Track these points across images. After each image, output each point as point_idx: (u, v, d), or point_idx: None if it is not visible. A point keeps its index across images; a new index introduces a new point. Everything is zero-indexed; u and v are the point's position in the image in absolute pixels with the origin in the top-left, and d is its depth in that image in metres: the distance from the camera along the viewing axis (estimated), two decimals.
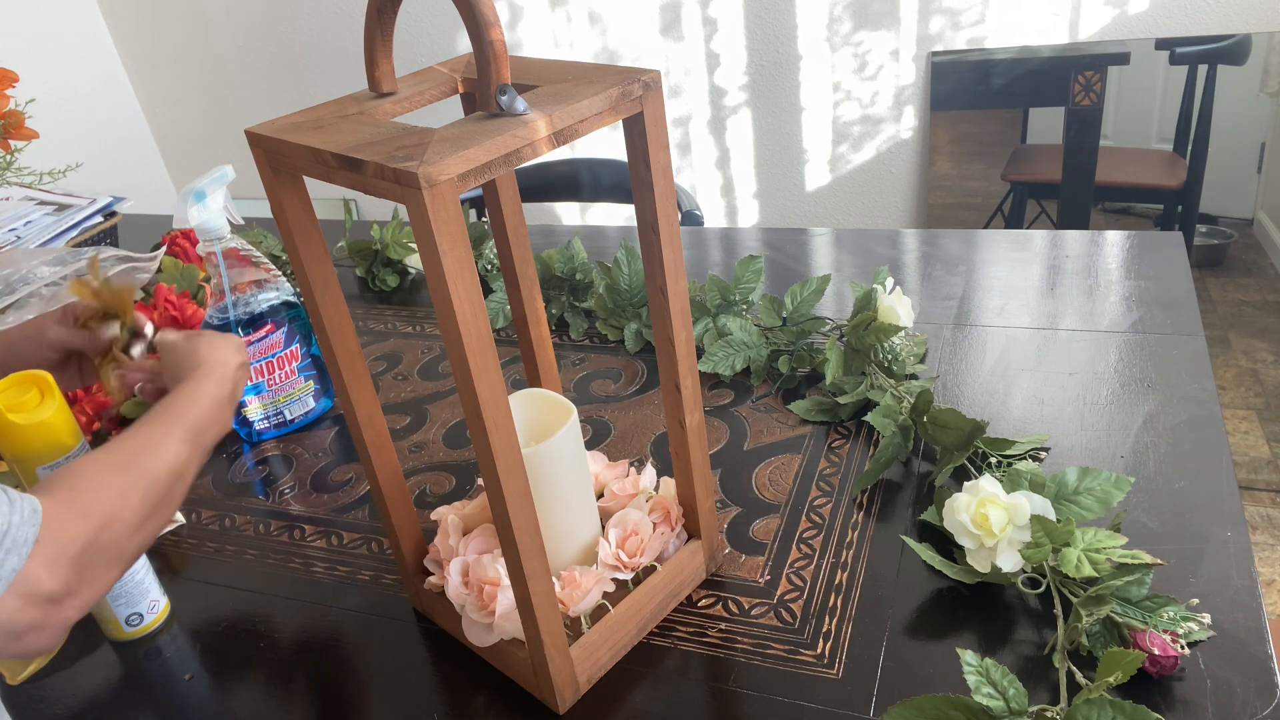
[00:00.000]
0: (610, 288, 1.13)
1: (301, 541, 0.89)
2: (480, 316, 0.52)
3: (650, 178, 0.60)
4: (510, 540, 0.59)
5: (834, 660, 0.68)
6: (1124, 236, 1.18)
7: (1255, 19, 1.91)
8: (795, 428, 0.93)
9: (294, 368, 1.04)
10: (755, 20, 2.20)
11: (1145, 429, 0.85)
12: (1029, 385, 0.93)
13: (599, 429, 0.98)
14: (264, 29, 2.61)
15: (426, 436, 1.01)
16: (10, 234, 1.45)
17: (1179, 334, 0.97)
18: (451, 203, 0.49)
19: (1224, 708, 0.60)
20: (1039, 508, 0.70)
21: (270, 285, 1.01)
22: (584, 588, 0.68)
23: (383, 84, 0.61)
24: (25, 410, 0.67)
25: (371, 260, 1.34)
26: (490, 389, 0.54)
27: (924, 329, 1.04)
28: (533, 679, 0.67)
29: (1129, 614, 0.64)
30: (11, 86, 1.27)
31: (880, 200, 2.33)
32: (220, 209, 0.96)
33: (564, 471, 0.69)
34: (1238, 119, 2.09)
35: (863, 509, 0.81)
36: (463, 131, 0.52)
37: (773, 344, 1.02)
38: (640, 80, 0.57)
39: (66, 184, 1.55)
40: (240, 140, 2.58)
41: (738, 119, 2.33)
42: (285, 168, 0.59)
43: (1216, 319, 2.31)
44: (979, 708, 0.58)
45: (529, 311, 0.77)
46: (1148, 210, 2.28)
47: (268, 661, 0.76)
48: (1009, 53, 2.08)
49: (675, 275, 0.64)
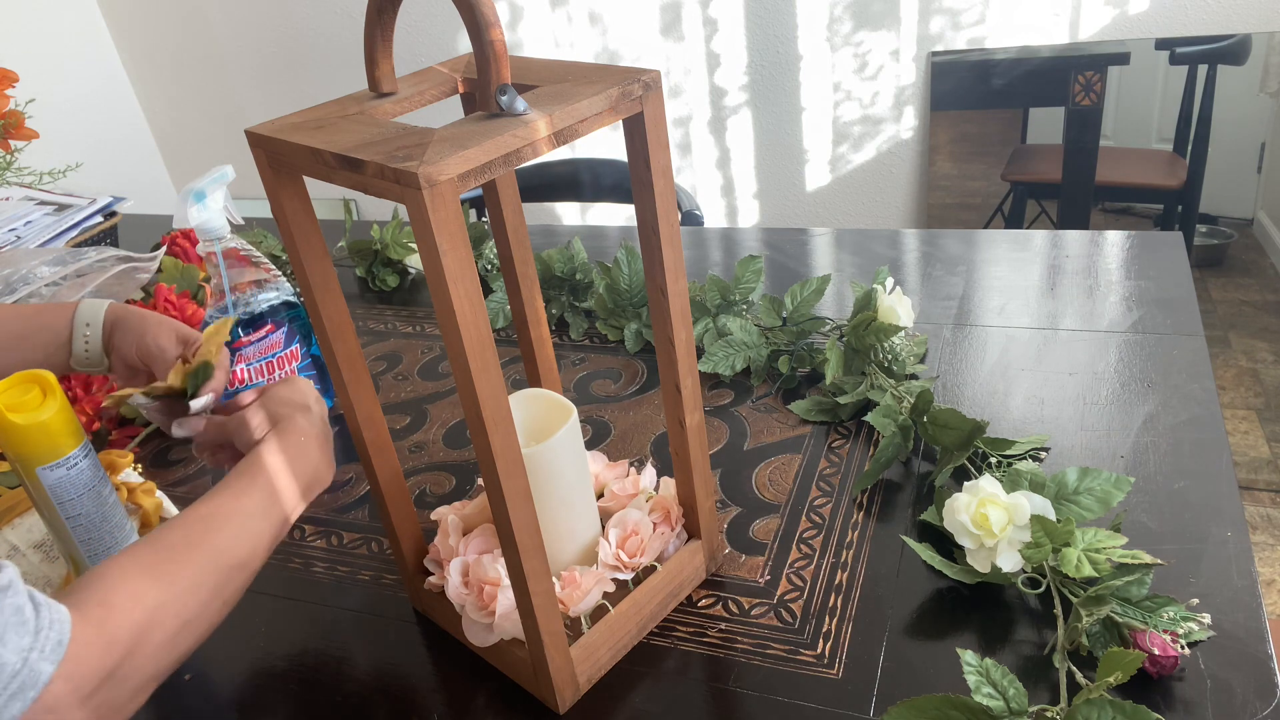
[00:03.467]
0: (610, 288, 1.13)
1: (301, 541, 0.89)
2: (480, 316, 0.52)
3: (650, 178, 0.60)
4: (510, 540, 0.59)
5: (834, 660, 0.68)
6: (1124, 236, 1.18)
7: (1255, 19, 1.91)
8: (795, 428, 0.93)
9: (294, 368, 1.03)
10: (755, 20, 2.20)
11: (1145, 429, 0.85)
12: (1029, 385, 0.93)
13: (599, 429, 0.98)
14: (264, 29, 2.61)
15: (426, 436, 1.01)
16: (10, 234, 1.45)
17: (1179, 334, 0.97)
18: (451, 203, 0.49)
19: (1224, 708, 0.60)
20: (1039, 508, 0.70)
21: (270, 285, 1.01)
22: (584, 588, 0.68)
23: (383, 84, 0.61)
24: (26, 410, 0.67)
25: (371, 260, 1.34)
26: (490, 389, 0.54)
27: (924, 329, 1.04)
28: (533, 679, 0.67)
29: (1129, 614, 0.64)
30: (11, 86, 1.27)
31: (880, 200, 2.33)
32: (220, 209, 0.96)
33: (564, 471, 0.69)
34: (1238, 119, 2.09)
35: (863, 509, 0.81)
36: (463, 131, 0.52)
37: (773, 344, 1.02)
38: (640, 80, 0.57)
39: (66, 184, 1.55)
40: (240, 140, 2.57)
41: (738, 119, 2.33)
42: (285, 168, 0.59)
43: (1216, 319, 2.31)
44: (979, 708, 0.58)
45: (529, 311, 0.77)
46: (1148, 210, 2.28)
47: (267, 662, 0.76)
48: (1009, 53, 2.08)
49: (675, 275, 0.64)
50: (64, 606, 0.49)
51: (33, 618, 0.47)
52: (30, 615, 0.47)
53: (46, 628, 0.47)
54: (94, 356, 0.78)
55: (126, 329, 0.76)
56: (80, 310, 0.78)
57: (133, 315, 0.77)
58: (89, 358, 0.78)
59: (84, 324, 0.77)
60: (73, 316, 0.78)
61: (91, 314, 0.78)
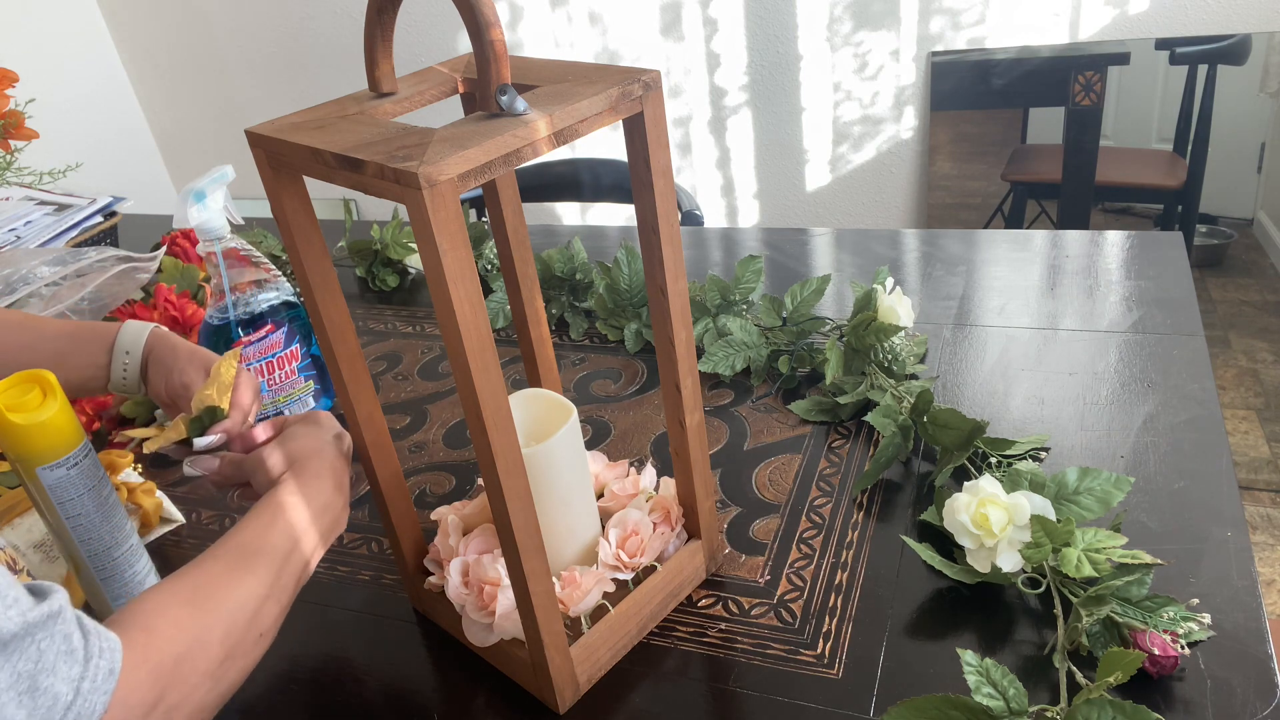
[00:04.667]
0: (610, 288, 1.13)
1: None
2: (480, 316, 0.52)
3: (650, 178, 0.60)
4: (510, 540, 0.59)
5: (834, 660, 0.68)
6: (1124, 236, 1.18)
7: (1255, 19, 1.91)
8: (795, 428, 0.93)
9: (294, 368, 1.04)
10: (755, 20, 2.20)
11: (1145, 429, 0.85)
12: (1029, 385, 0.93)
13: (599, 429, 0.98)
14: (264, 29, 2.61)
15: (426, 436, 1.01)
16: (10, 234, 1.45)
17: (1179, 334, 0.97)
18: (452, 203, 0.49)
19: (1224, 708, 0.60)
20: (1039, 508, 0.70)
21: (270, 285, 1.01)
22: (584, 588, 0.68)
23: (383, 84, 0.61)
24: (26, 410, 0.67)
25: (371, 260, 1.34)
26: (490, 389, 0.54)
27: (924, 329, 1.04)
28: (533, 679, 0.67)
29: (1129, 614, 0.64)
30: (11, 86, 1.27)
31: (880, 200, 2.33)
32: (220, 209, 0.96)
33: (564, 471, 0.69)
34: (1238, 119, 2.09)
35: (863, 509, 0.81)
36: (463, 131, 0.52)
37: (773, 344, 1.02)
38: (640, 80, 0.57)
39: (66, 184, 1.55)
40: (240, 140, 2.58)
41: (738, 119, 2.33)
42: (286, 168, 0.59)
43: (1216, 319, 2.31)
44: (979, 708, 0.58)
45: (529, 311, 0.77)
46: (1148, 210, 2.28)
47: (268, 662, 0.76)
48: (1009, 53, 2.08)
49: (675, 275, 0.64)
50: (114, 634, 0.48)
51: (81, 646, 0.46)
52: (79, 644, 0.46)
53: (96, 655, 0.46)
54: (131, 384, 0.78)
55: (159, 363, 0.77)
56: (121, 337, 0.77)
57: (165, 348, 0.77)
58: (126, 384, 0.78)
59: (124, 351, 0.77)
60: (113, 343, 0.78)
61: (132, 342, 0.77)
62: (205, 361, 0.76)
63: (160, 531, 0.92)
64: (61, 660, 0.45)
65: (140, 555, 0.77)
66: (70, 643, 0.45)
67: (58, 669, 0.44)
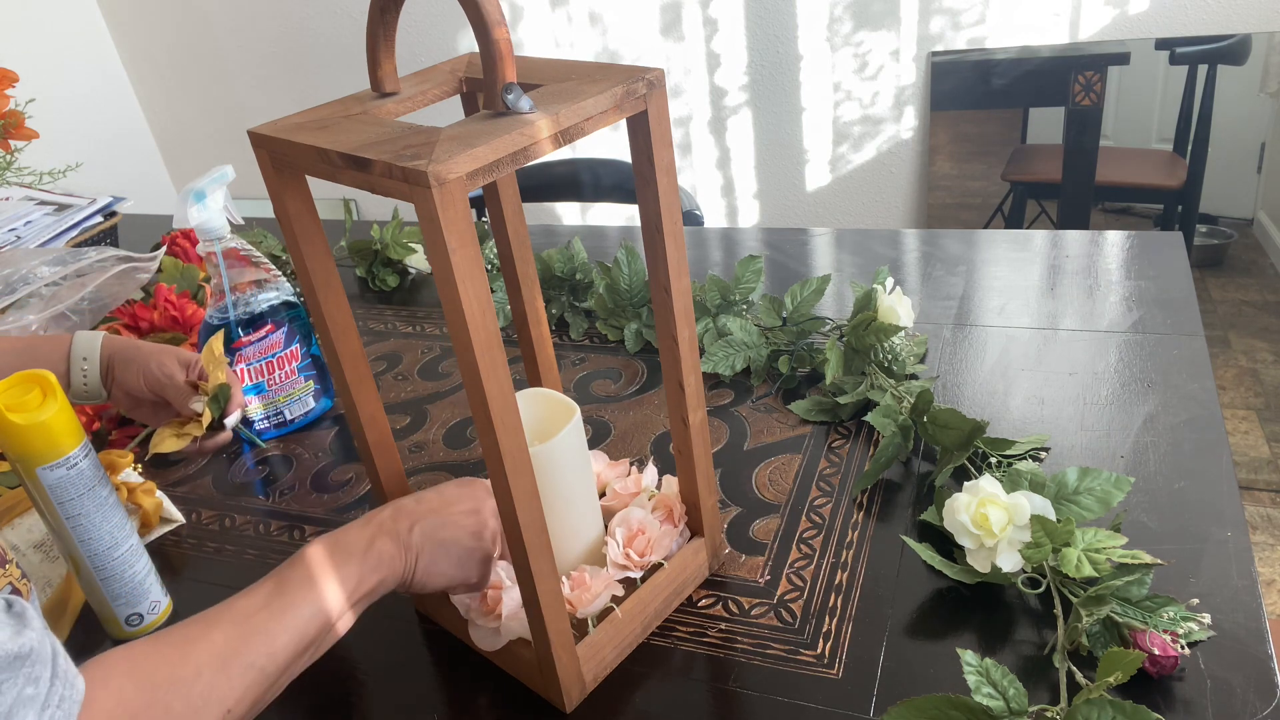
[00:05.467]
0: (610, 288, 1.13)
1: (302, 541, 0.88)
2: (489, 315, 0.52)
3: (654, 175, 0.60)
4: (518, 539, 0.59)
5: (834, 660, 0.68)
6: (1124, 236, 1.18)
7: (1255, 19, 1.91)
8: (795, 428, 0.93)
9: (294, 368, 1.04)
10: (755, 20, 2.20)
11: (1145, 429, 0.85)
12: (1029, 385, 0.93)
13: (599, 429, 0.98)
14: (264, 28, 2.61)
15: (426, 436, 1.01)
16: (10, 234, 1.45)
17: (1179, 334, 0.97)
18: (460, 201, 0.49)
19: (1224, 708, 0.60)
20: (1039, 508, 0.70)
21: (270, 285, 1.01)
22: (594, 591, 0.68)
23: (385, 84, 0.61)
24: (26, 410, 0.67)
25: (372, 260, 1.34)
26: (498, 388, 0.54)
27: (924, 329, 1.05)
28: (539, 678, 0.67)
29: (1129, 614, 0.64)
30: (11, 86, 1.27)
31: (880, 200, 2.33)
32: (220, 209, 0.96)
33: (568, 470, 0.69)
34: (1238, 119, 2.10)
35: (863, 509, 0.81)
36: (470, 130, 0.52)
37: (773, 344, 1.02)
38: (644, 79, 0.57)
39: (66, 184, 1.55)
40: (240, 140, 2.58)
41: (738, 119, 2.33)
42: (289, 168, 0.59)
43: (1216, 319, 2.31)
44: (979, 708, 0.58)
45: (529, 311, 0.77)
46: (1148, 210, 2.28)
47: None
48: (1009, 53, 2.08)
49: (679, 273, 0.64)
50: (83, 680, 0.47)
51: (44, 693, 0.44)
52: (44, 690, 0.44)
53: (55, 705, 0.45)
54: (93, 389, 0.78)
55: (127, 361, 0.76)
56: (75, 344, 0.77)
57: (129, 347, 0.77)
58: (88, 390, 0.78)
59: (80, 358, 0.77)
60: (69, 351, 0.77)
61: (87, 348, 0.77)
62: (176, 354, 0.77)
63: (160, 531, 0.92)
64: (19, 708, 0.43)
65: (140, 555, 0.77)
66: (38, 686, 0.44)
67: (14, 716, 0.43)
